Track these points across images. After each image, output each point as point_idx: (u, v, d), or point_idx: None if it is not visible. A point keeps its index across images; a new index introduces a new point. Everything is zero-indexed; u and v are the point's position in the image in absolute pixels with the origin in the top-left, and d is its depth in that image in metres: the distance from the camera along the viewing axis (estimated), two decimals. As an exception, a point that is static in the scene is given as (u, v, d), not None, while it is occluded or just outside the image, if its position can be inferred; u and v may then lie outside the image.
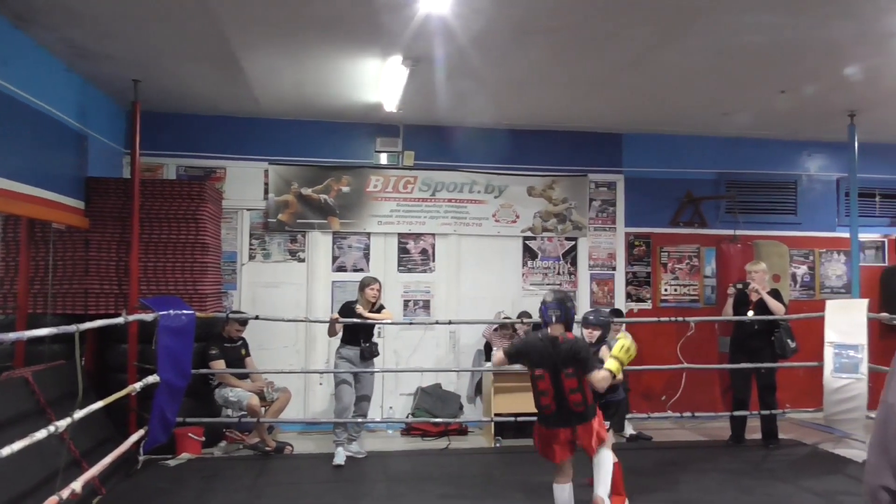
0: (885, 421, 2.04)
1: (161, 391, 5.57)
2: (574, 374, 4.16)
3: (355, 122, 7.95)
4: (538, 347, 4.29)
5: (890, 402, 2.03)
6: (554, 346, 4.23)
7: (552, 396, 4.20)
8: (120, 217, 6.41)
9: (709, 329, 8.01)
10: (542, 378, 4.21)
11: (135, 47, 5.65)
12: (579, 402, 4.20)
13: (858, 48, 5.51)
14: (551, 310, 4.29)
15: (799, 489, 5.49)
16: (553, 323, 4.28)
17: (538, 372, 4.21)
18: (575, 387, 4.17)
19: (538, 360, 4.24)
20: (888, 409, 2.03)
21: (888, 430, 2.01)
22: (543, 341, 4.29)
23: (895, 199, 9.14)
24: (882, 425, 2.05)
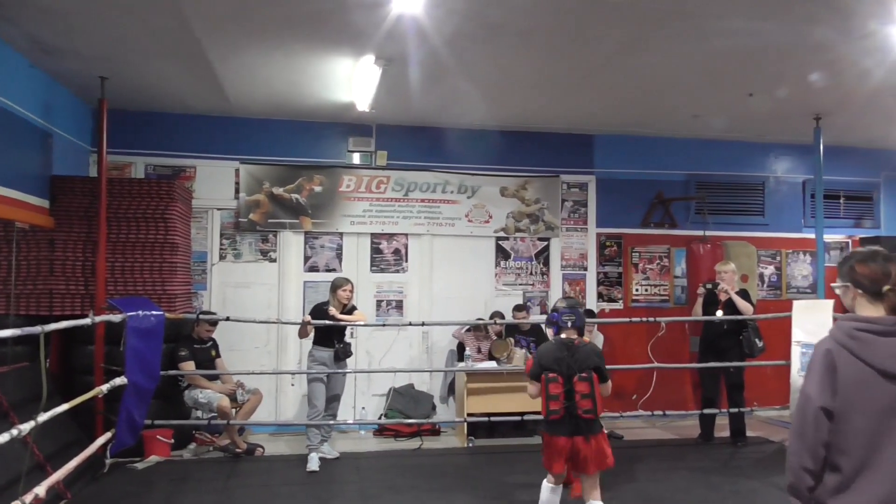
0: (802, 409, 2.32)
1: (129, 393, 5.48)
2: (587, 379, 4.13)
3: (328, 122, 7.91)
4: (552, 351, 4.26)
5: (807, 392, 2.32)
6: (570, 350, 4.21)
7: (562, 401, 4.13)
8: (86, 216, 6.30)
9: (679, 329, 8.11)
10: (554, 381, 4.15)
11: (101, 44, 5.55)
12: (589, 409, 4.12)
13: (824, 53, 5.61)
14: (566, 315, 4.30)
15: (765, 485, 5.58)
16: (567, 328, 4.29)
17: (551, 375, 4.16)
18: (587, 392, 4.12)
19: (551, 363, 4.21)
20: (805, 399, 2.32)
21: (805, 418, 2.30)
22: (558, 345, 4.27)
23: (859, 201, 9.35)
24: (800, 413, 2.33)
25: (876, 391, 2.24)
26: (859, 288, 2.39)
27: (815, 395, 2.29)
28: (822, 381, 2.29)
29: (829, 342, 2.35)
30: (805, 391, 2.34)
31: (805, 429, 2.30)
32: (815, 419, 2.27)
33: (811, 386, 2.32)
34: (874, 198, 9.39)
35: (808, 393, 2.32)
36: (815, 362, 2.35)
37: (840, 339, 2.32)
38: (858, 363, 2.26)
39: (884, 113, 7.34)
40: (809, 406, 2.29)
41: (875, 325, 2.30)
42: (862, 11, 4.78)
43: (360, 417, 7.74)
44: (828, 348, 2.33)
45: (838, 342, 2.32)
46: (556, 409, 4.13)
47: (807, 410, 2.30)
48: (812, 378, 2.33)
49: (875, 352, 2.26)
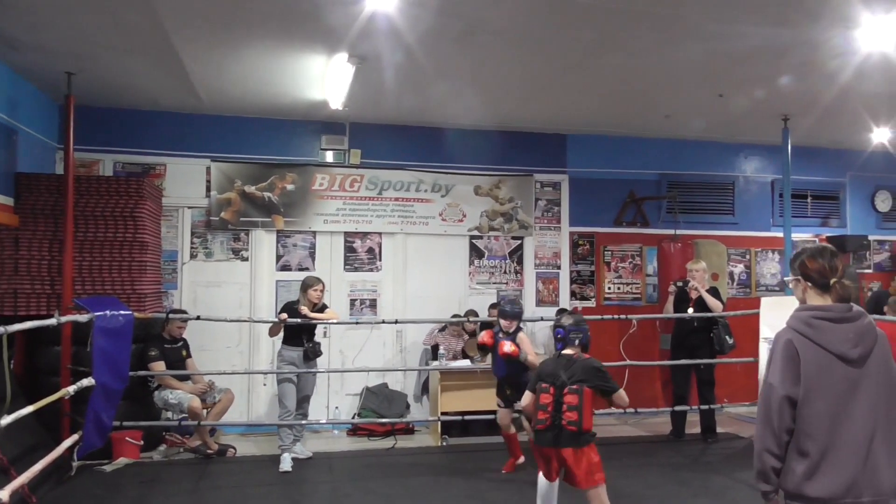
0: (766, 398, 2.48)
1: (96, 394, 5.40)
2: (577, 392, 4.09)
3: (300, 120, 7.85)
4: (551, 364, 4.32)
5: (770, 382, 2.48)
6: (567, 363, 4.22)
7: (550, 411, 4.11)
8: (52, 214, 6.19)
9: (651, 327, 8.19)
10: (545, 391, 4.16)
11: (68, 39, 5.45)
12: (574, 421, 4.05)
13: (791, 56, 5.70)
14: (573, 333, 4.30)
15: (734, 481, 5.66)
16: (574, 346, 4.29)
17: (543, 385, 4.19)
18: (575, 403, 4.07)
19: (546, 375, 4.24)
20: (769, 388, 2.48)
21: (770, 407, 2.46)
22: (557, 360, 4.30)
23: (825, 201, 9.52)
24: (765, 402, 2.49)
25: (835, 375, 2.42)
26: (809, 281, 2.58)
27: (779, 384, 2.43)
28: (784, 370, 2.44)
29: (788, 332, 2.51)
30: (768, 381, 2.48)
31: (770, 416, 2.45)
32: (779, 407, 2.42)
33: (774, 375, 2.46)
34: (840, 197, 9.57)
35: (772, 382, 2.46)
36: (776, 352, 2.50)
37: (798, 328, 2.49)
38: (818, 349, 2.44)
39: (849, 114, 7.48)
40: (774, 395, 2.44)
41: (829, 312, 2.49)
42: (828, 15, 4.87)
43: (333, 417, 7.70)
44: (788, 338, 2.48)
45: (797, 331, 2.48)
46: (542, 418, 4.14)
47: (771, 399, 2.45)
48: (775, 368, 2.47)
49: (831, 338, 2.44)
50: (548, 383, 4.18)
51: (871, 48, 5.41)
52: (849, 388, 2.42)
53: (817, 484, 2.39)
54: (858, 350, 2.43)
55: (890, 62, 5.67)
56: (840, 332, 2.45)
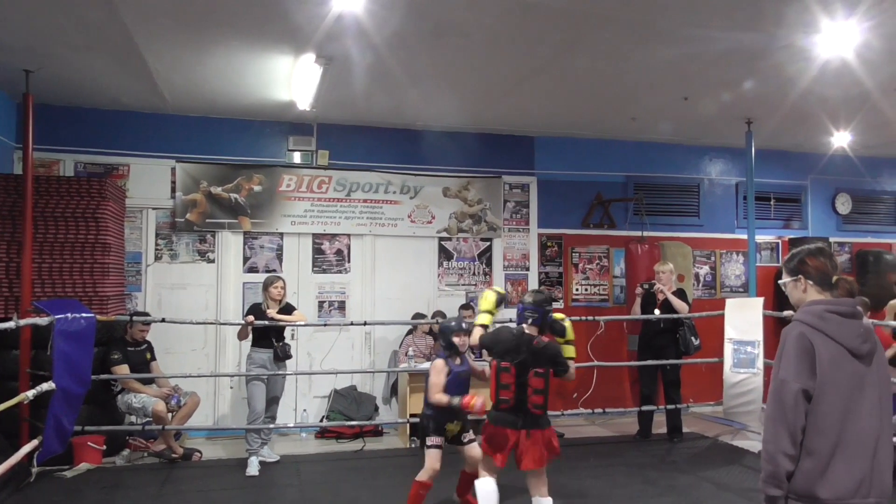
0: (779, 394, 2.39)
1: (57, 399, 5.29)
2: (543, 375, 4.15)
3: (267, 120, 7.78)
4: (508, 340, 4.27)
5: (781, 377, 2.40)
6: (528, 345, 4.20)
7: (513, 392, 4.13)
8: (10, 215, 6.05)
9: (618, 328, 8.27)
10: (507, 371, 4.16)
11: (26, 35, 5.33)
12: (539, 405, 4.15)
13: (754, 60, 5.80)
14: (528, 311, 4.29)
15: (698, 479, 5.73)
16: (528, 324, 4.28)
17: (504, 364, 4.17)
18: (541, 388, 4.14)
19: (505, 353, 4.22)
20: (780, 383, 2.40)
21: (784, 402, 2.37)
22: (516, 336, 4.26)
23: (788, 203, 9.71)
24: (777, 399, 2.40)
25: (847, 369, 2.38)
26: (810, 279, 2.54)
27: (793, 378, 2.36)
28: (799, 363, 2.37)
29: (798, 326, 2.44)
30: (780, 377, 2.40)
31: (785, 413, 2.35)
32: (795, 402, 2.34)
33: (787, 370, 2.39)
34: (802, 200, 9.77)
35: (785, 377, 2.38)
36: (788, 347, 2.43)
37: (810, 322, 2.43)
38: (832, 343, 2.39)
39: (810, 118, 7.64)
40: (788, 390, 2.36)
41: (841, 306, 2.46)
42: (790, 21, 4.96)
43: (301, 420, 7.64)
44: (800, 331, 2.42)
45: (809, 325, 2.42)
46: (507, 398, 4.14)
47: (785, 394, 2.36)
48: (787, 362, 2.40)
49: (844, 332, 2.41)
50: (508, 362, 4.16)
51: (831, 53, 5.53)
52: (857, 383, 2.39)
53: (828, 483, 2.32)
54: (867, 346, 2.42)
55: (849, 67, 5.80)
56: (852, 327, 2.42)
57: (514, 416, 4.14)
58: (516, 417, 4.13)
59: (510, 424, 4.13)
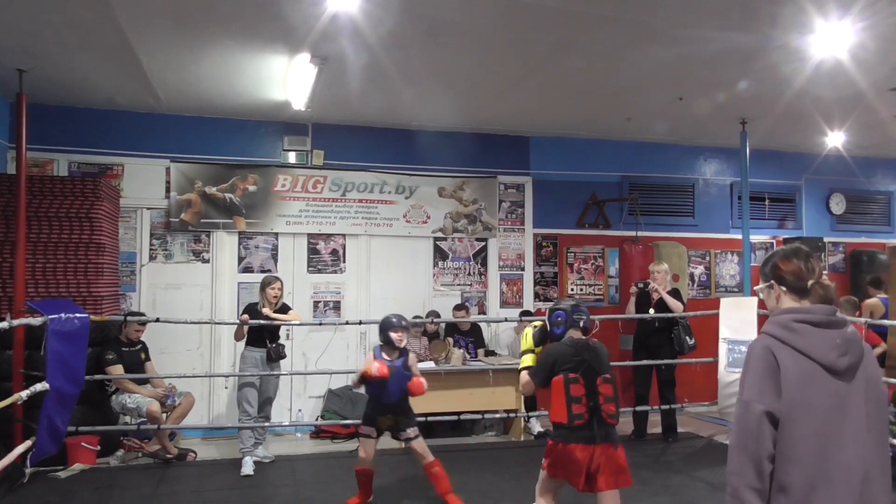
0: (741, 418, 2.05)
1: (50, 399, 5.26)
2: (611, 381, 3.85)
3: (262, 120, 7.77)
4: (569, 352, 3.87)
5: (745, 398, 2.05)
6: (588, 350, 3.89)
7: (586, 404, 3.74)
8: (3, 215, 6.04)
9: (613, 327, 8.27)
10: (576, 381, 3.76)
11: (19, 35, 5.31)
12: (613, 414, 3.79)
13: (749, 61, 5.82)
14: (577, 314, 3.99)
15: (693, 479, 5.74)
16: (579, 328, 3.99)
17: (572, 375, 3.77)
18: (611, 395, 3.81)
19: (573, 365, 3.82)
20: (743, 406, 2.05)
21: (747, 427, 2.02)
22: (574, 345, 3.90)
23: (782, 203, 9.73)
24: (740, 423, 2.05)
25: (821, 388, 2.02)
26: (783, 285, 2.21)
27: (756, 399, 2.03)
28: (762, 381, 2.04)
29: (764, 339, 2.13)
30: (743, 398, 2.07)
31: (747, 439, 2.01)
32: (758, 426, 2.00)
33: (750, 389, 2.06)
34: (796, 200, 9.79)
35: (747, 398, 2.05)
36: (750, 363, 2.11)
37: (777, 334, 2.10)
38: (801, 358, 2.04)
39: (804, 118, 7.66)
40: (750, 412, 2.02)
41: (812, 315, 2.10)
42: (785, 21, 4.97)
43: (296, 419, 7.63)
44: (765, 345, 2.10)
45: (776, 337, 2.10)
46: (580, 412, 3.70)
47: (747, 418, 2.02)
48: (750, 380, 2.07)
49: (816, 344, 2.06)
50: (576, 373, 3.77)
51: (825, 54, 5.55)
52: (837, 404, 2.01)
53: None
54: (847, 360, 2.04)
55: (843, 68, 5.82)
56: (826, 338, 2.06)
57: (590, 430, 3.71)
58: (593, 432, 3.70)
59: (587, 440, 3.68)
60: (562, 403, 3.73)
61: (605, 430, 3.73)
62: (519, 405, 7.19)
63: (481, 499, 5.25)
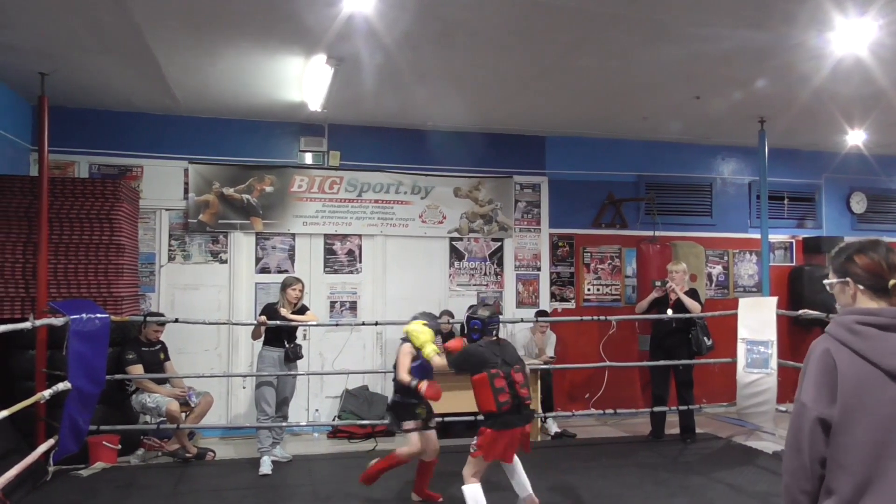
0: (797, 420, 2.02)
1: (72, 398, 5.33)
2: (521, 369, 4.59)
3: (279, 122, 7.82)
4: (488, 352, 4.54)
5: (802, 400, 2.01)
6: (500, 347, 4.63)
7: (509, 393, 4.41)
8: (26, 217, 6.10)
9: (630, 327, 8.24)
10: (498, 376, 4.42)
11: (41, 39, 5.38)
12: (528, 396, 4.51)
13: (767, 58, 5.76)
14: (492, 325, 4.66)
15: (711, 481, 5.70)
16: (492, 337, 4.67)
17: (493, 371, 4.43)
18: (523, 381, 4.53)
19: (492, 361, 4.49)
20: (800, 407, 2.01)
21: (801, 431, 1.99)
22: (488, 345, 4.60)
23: (802, 202, 9.64)
24: (795, 426, 2.03)
25: (881, 395, 1.90)
26: (860, 283, 2.05)
27: (812, 403, 1.97)
28: (818, 386, 1.97)
29: (826, 340, 2.03)
30: (800, 399, 2.02)
31: (801, 443, 1.98)
32: (811, 432, 1.96)
33: (806, 393, 2.00)
34: (816, 199, 9.69)
35: (804, 401, 2.00)
36: (810, 365, 2.03)
37: (839, 336, 1.99)
38: (861, 362, 1.93)
39: (824, 117, 7.58)
40: (805, 416, 1.98)
41: (878, 317, 1.96)
42: (802, 18, 4.93)
43: (313, 419, 7.67)
44: (826, 347, 2.00)
45: (837, 339, 1.99)
46: (506, 400, 4.39)
47: (802, 422, 1.99)
48: (808, 383, 2.01)
49: (880, 349, 1.93)
50: (496, 368, 4.45)
51: (844, 51, 5.48)
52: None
53: None
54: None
55: (863, 65, 5.75)
56: (892, 343, 1.92)
57: (517, 413, 4.46)
58: (517, 416, 4.46)
59: (515, 424, 4.44)
60: (489, 396, 4.41)
61: (526, 412, 4.52)
62: (535, 406, 7.17)
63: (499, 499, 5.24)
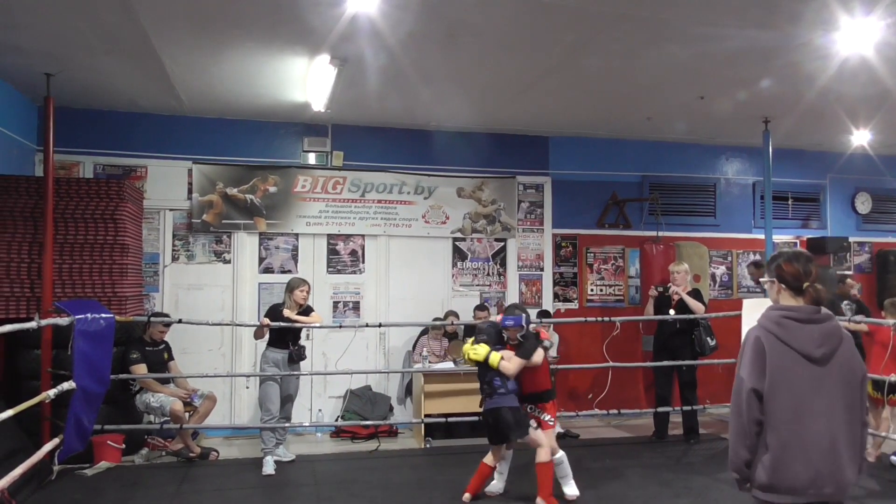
0: (738, 391, 2.64)
1: (77, 398, 5.36)
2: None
3: (282, 122, 7.83)
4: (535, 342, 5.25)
5: (741, 375, 2.64)
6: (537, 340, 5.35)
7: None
8: (32, 217, 6.13)
9: (633, 328, 8.23)
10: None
11: (46, 39, 5.40)
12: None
13: (772, 58, 5.75)
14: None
15: (715, 481, 5.70)
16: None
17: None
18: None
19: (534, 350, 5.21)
20: (739, 381, 2.64)
21: (740, 399, 2.62)
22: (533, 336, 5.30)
23: (807, 203, 9.62)
24: (736, 395, 2.65)
25: (799, 372, 2.57)
26: (783, 283, 2.72)
27: (747, 378, 2.60)
28: (752, 364, 2.60)
29: (757, 330, 2.67)
30: (739, 375, 2.65)
31: (740, 409, 2.61)
32: (747, 400, 2.58)
33: (744, 369, 2.63)
34: (821, 199, 9.67)
35: (742, 376, 2.63)
36: (746, 348, 2.66)
37: (767, 327, 2.64)
38: (784, 347, 2.59)
39: (829, 117, 7.56)
40: (742, 388, 2.61)
41: (797, 313, 2.64)
42: (808, 18, 4.92)
43: (316, 419, 7.68)
44: (757, 335, 2.64)
45: (766, 329, 2.64)
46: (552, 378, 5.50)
47: (741, 392, 2.62)
48: (745, 362, 2.64)
49: (797, 337, 2.59)
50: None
51: (849, 51, 5.48)
52: (812, 385, 2.56)
53: (782, 475, 2.55)
54: (822, 350, 2.58)
55: (868, 65, 5.74)
56: (806, 332, 2.60)
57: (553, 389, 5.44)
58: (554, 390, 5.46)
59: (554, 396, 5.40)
60: (547, 376, 5.34)
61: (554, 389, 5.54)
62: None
63: (503, 500, 5.25)
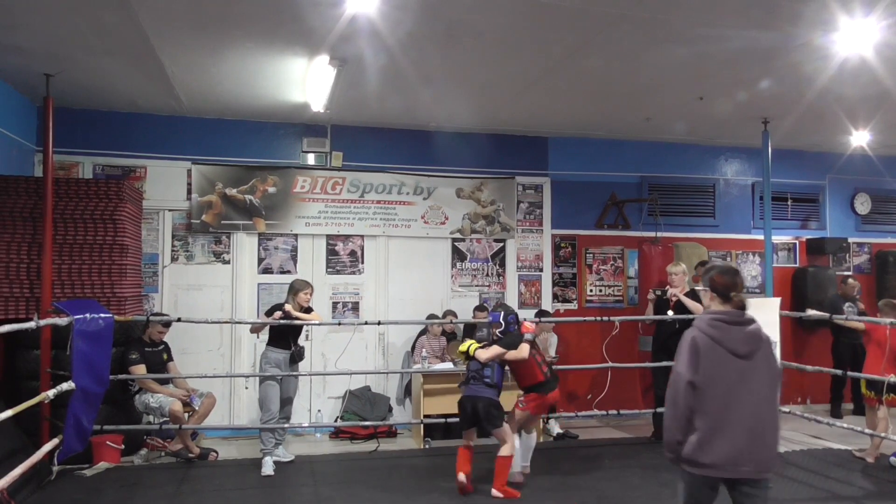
0: (675, 383, 3.11)
1: (76, 398, 5.35)
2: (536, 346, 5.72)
3: (282, 122, 7.83)
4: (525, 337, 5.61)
5: (678, 370, 3.12)
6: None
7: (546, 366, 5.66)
8: (31, 217, 6.13)
9: (632, 329, 8.23)
10: (535, 354, 5.61)
11: (45, 40, 5.40)
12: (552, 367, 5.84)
13: (771, 59, 5.76)
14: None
15: (715, 481, 5.69)
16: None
17: (532, 350, 5.57)
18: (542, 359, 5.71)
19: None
20: (676, 375, 3.11)
21: (677, 390, 3.09)
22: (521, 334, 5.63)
23: (806, 203, 9.62)
24: (673, 386, 3.12)
25: (728, 366, 3.07)
26: (715, 292, 3.26)
27: (684, 372, 3.08)
28: (688, 360, 3.08)
29: (693, 331, 3.16)
30: (676, 369, 3.13)
31: (677, 398, 3.09)
32: (684, 391, 3.06)
33: (682, 365, 3.11)
34: (820, 200, 9.67)
35: (679, 370, 3.11)
36: (683, 346, 3.15)
37: (702, 328, 3.15)
38: (715, 345, 3.09)
39: (828, 117, 7.56)
40: (680, 381, 3.08)
41: (726, 316, 3.18)
42: (807, 19, 4.92)
43: (315, 420, 7.68)
44: (693, 336, 3.14)
45: (701, 330, 3.14)
46: (545, 370, 5.61)
47: (678, 384, 3.09)
48: (682, 359, 3.12)
49: (727, 337, 3.10)
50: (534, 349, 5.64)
51: (849, 52, 5.48)
52: (738, 377, 3.06)
53: (707, 453, 3.03)
54: (747, 347, 3.10)
55: (868, 65, 5.73)
56: (734, 333, 3.11)
57: (555, 380, 5.67)
58: (554, 382, 5.66)
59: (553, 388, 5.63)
60: (535, 369, 5.56)
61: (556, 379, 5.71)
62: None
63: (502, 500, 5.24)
